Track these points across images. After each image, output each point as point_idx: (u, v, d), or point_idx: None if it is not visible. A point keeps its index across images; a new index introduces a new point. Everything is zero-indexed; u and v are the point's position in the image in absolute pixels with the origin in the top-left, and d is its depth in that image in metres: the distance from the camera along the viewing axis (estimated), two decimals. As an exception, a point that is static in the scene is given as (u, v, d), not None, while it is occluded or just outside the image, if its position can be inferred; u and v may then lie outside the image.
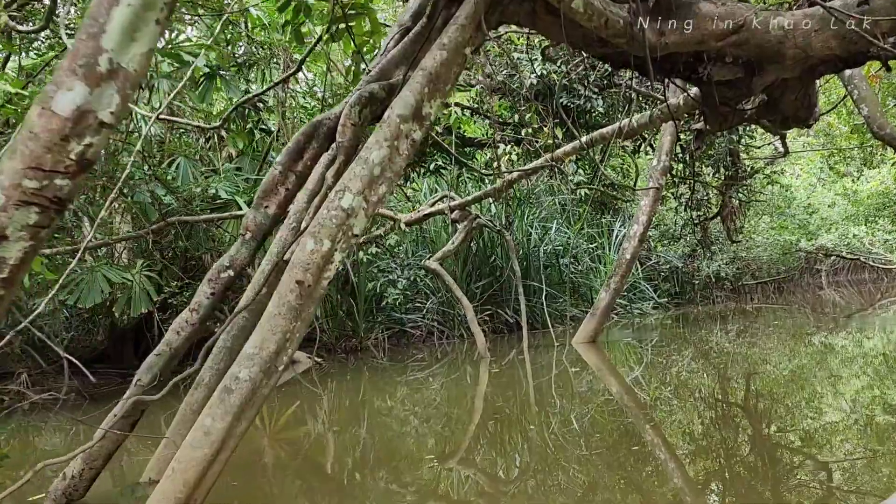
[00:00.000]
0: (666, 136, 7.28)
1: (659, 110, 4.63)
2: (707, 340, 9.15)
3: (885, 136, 6.90)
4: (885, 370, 5.68)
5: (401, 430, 4.91)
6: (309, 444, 4.73)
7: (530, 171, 6.45)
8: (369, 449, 4.41)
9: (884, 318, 10.79)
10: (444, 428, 4.82)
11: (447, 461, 3.90)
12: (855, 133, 11.21)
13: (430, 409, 5.60)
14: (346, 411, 5.91)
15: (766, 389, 5.30)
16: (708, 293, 17.39)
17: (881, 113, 6.93)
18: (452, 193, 7.32)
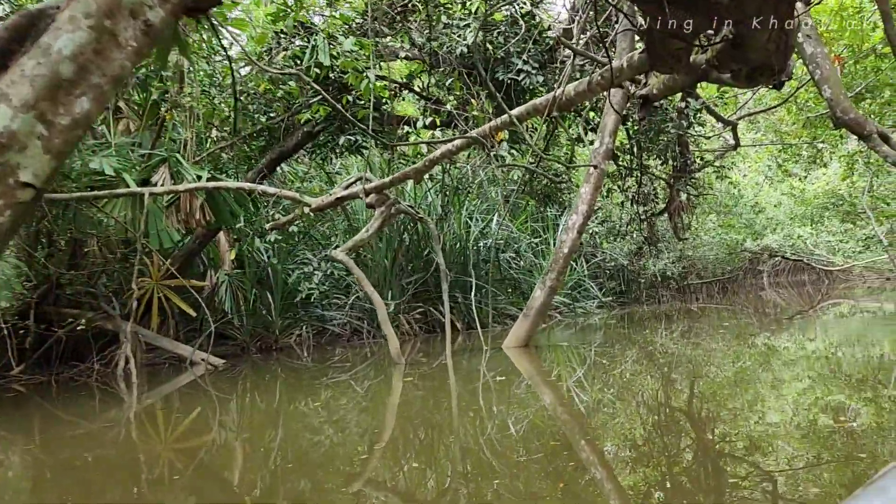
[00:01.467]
0: (609, 115, 6.62)
1: (599, 75, 3.90)
2: (652, 341, 8.91)
3: (849, 121, 6.42)
4: (826, 373, 5.71)
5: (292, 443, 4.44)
6: (209, 454, 4.31)
7: (455, 150, 5.64)
8: (271, 460, 3.93)
9: (824, 320, 10.85)
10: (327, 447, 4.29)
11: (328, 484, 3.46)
12: (806, 128, 10.87)
13: (326, 423, 4.94)
14: (249, 418, 5.38)
15: (710, 392, 5.18)
16: (654, 292, 17.25)
17: (845, 95, 6.41)
18: (368, 175, 6.46)
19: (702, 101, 7.71)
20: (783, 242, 19.27)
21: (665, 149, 8.48)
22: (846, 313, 12.04)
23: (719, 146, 11.50)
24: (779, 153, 12.60)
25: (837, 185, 14.59)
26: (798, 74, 10.13)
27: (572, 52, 5.09)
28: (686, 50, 2.55)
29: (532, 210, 13.51)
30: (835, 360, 6.52)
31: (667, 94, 3.57)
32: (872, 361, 6.32)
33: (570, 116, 8.22)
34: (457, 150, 5.80)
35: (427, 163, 5.79)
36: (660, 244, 16.35)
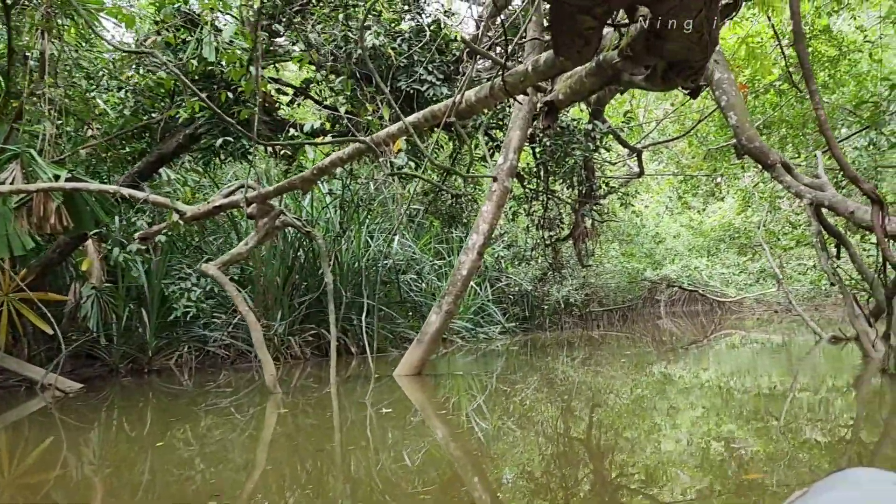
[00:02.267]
0: (515, 130, 6.38)
1: (502, 80, 3.59)
2: (553, 369, 8.83)
3: (753, 149, 6.46)
4: (719, 402, 5.83)
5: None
6: (58, 490, 3.73)
7: (347, 157, 5.19)
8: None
9: (717, 350, 11.19)
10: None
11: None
12: (706, 160, 11.20)
13: (185, 459, 4.33)
14: (99, 450, 4.69)
15: (609, 421, 5.14)
16: (557, 318, 17.38)
17: (750, 123, 6.46)
18: (251, 182, 5.90)
19: (608, 126, 7.69)
20: (681, 273, 19.98)
21: (571, 172, 8.39)
22: (737, 344, 12.52)
23: (624, 173, 11.67)
24: (679, 184, 12.96)
25: (733, 219, 15.23)
26: (700, 107, 10.49)
27: (473, 52, 4.76)
28: (596, 32, 2.26)
29: (437, 231, 13.23)
30: (727, 389, 6.66)
31: (574, 99, 3.33)
32: (762, 392, 6.49)
33: (476, 135, 7.96)
34: (348, 157, 5.37)
35: (315, 171, 5.32)
36: (564, 270, 16.49)
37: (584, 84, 3.29)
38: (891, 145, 8.11)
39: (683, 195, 13.17)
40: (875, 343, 7.53)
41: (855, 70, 9.14)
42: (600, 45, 2.50)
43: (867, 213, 6.09)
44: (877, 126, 8.10)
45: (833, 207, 6.63)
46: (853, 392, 6.28)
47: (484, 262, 14.95)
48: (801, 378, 7.38)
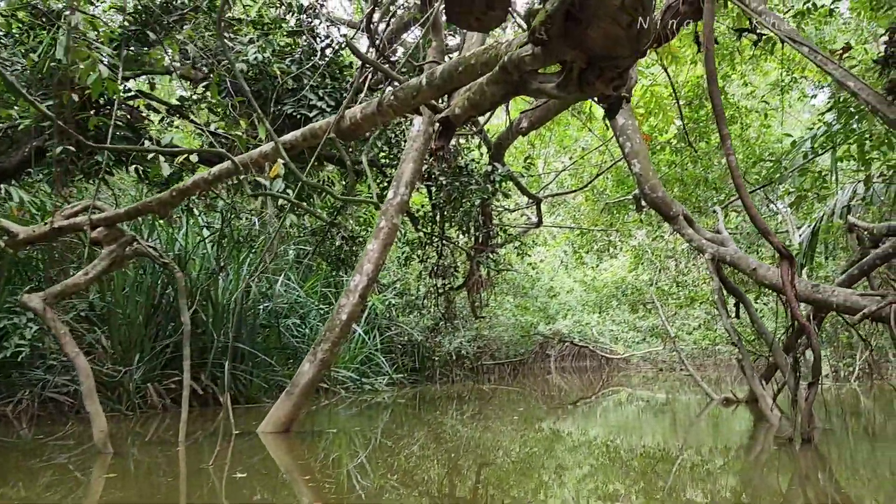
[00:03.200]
0: (408, 163, 6.00)
1: (393, 95, 3.18)
2: (442, 424, 8.61)
3: (656, 199, 6.40)
4: (606, 460, 5.87)
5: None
6: None
7: (212, 178, 4.59)
8: None
9: (605, 406, 11.29)
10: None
11: None
12: (604, 214, 11.36)
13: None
14: None
15: (496, 479, 5.02)
16: (448, 371, 16.95)
17: (654, 173, 6.40)
18: (99, 203, 5.14)
19: (508, 170, 7.50)
20: (573, 328, 20.21)
21: (468, 217, 8.13)
22: (624, 401, 12.63)
23: (522, 223, 11.62)
24: (576, 238, 13.10)
25: (625, 276, 15.60)
26: (598, 161, 10.68)
27: (360, 59, 4.32)
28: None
29: (325, 273, 12.58)
30: (614, 447, 6.71)
31: (472, 113, 2.98)
32: (647, 450, 6.52)
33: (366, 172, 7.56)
34: (213, 178, 4.78)
35: (174, 193, 4.70)
36: (456, 321, 16.18)
37: (486, 94, 2.95)
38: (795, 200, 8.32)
39: (579, 249, 13.31)
40: (772, 408, 7.44)
41: (745, 134, 9.61)
42: (505, 17, 2.16)
43: (770, 270, 6.17)
44: (773, 182, 8.40)
45: (735, 263, 6.54)
46: (750, 457, 6.30)
47: (374, 310, 14.40)
48: (692, 440, 7.46)
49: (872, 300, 5.40)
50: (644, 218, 10.89)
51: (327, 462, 5.78)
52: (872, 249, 6.22)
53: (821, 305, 5.86)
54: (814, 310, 7.33)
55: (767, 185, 7.83)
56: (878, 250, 6.09)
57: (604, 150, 11.15)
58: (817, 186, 5.60)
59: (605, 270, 19.55)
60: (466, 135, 7.89)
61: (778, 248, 5.63)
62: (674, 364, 23.48)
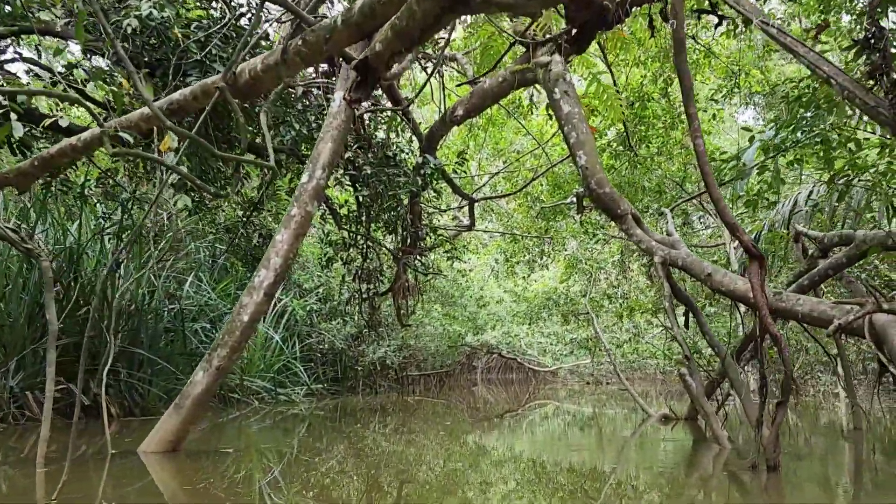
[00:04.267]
0: (326, 142, 5.39)
1: (301, 40, 2.66)
2: (363, 437, 8.23)
3: (603, 195, 6.05)
4: (532, 475, 5.74)
5: None
6: None
7: (83, 145, 3.93)
8: None
9: (531, 419, 11.13)
10: None
11: None
12: (540, 219, 11.09)
13: None
14: None
15: (417, 496, 4.76)
16: (371, 381, 16.35)
17: (601, 167, 6.01)
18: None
19: (440, 163, 7.03)
20: (501, 339, 19.94)
21: (396, 216, 7.61)
22: (550, 414, 12.50)
23: (454, 226, 11.22)
24: (508, 245, 12.81)
25: (556, 287, 15.43)
26: (533, 166, 10.38)
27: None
28: None
29: (241, 274, 11.79)
30: (540, 462, 6.61)
31: (398, 46, 2.53)
32: (574, 465, 6.39)
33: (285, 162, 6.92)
34: (83, 145, 4.10)
35: (36, 162, 3.98)
36: (381, 329, 15.60)
37: (415, 15, 2.49)
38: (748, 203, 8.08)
39: (511, 258, 13.03)
40: (722, 428, 6.85)
41: (686, 140, 9.51)
42: None
43: (726, 276, 5.69)
44: (736, 178, 8.16)
45: (687, 268, 6.02)
46: (700, 479, 6.02)
47: (293, 315, 13.67)
48: (629, 458, 7.27)
49: (842, 310, 4.90)
50: (581, 224, 10.70)
51: (223, 483, 5.12)
52: (821, 259, 6.00)
53: (784, 315, 5.28)
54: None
55: (723, 186, 7.51)
56: (829, 260, 5.75)
57: (539, 154, 10.91)
58: (773, 189, 5.31)
59: (536, 281, 19.40)
60: (393, 124, 7.37)
61: (747, 247, 5.14)
62: (600, 378, 23.67)
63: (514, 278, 17.51)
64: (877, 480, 5.36)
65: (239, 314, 5.35)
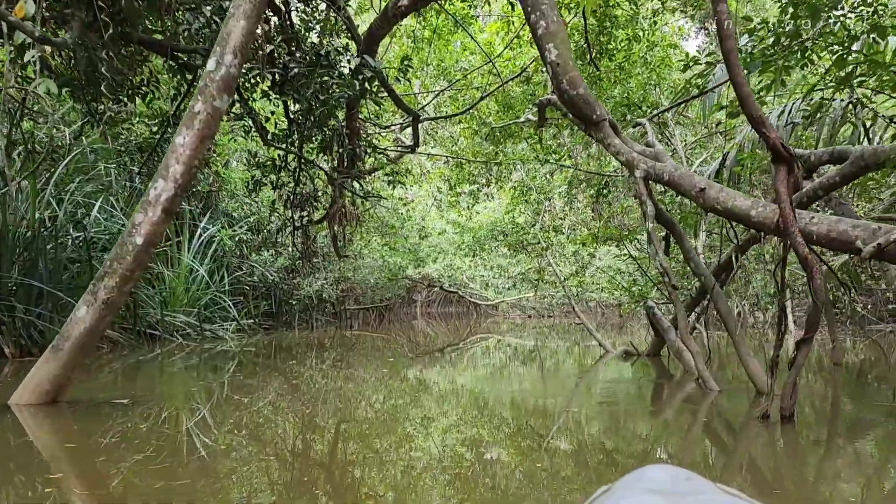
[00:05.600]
0: (237, 20, 4.41)
1: None
2: (299, 373, 7.84)
3: (576, 97, 5.38)
4: (475, 411, 5.51)
5: None
6: None
7: None
8: None
9: (472, 353, 10.94)
10: None
11: None
12: (489, 142, 10.39)
13: None
14: None
15: (357, 433, 4.54)
16: (307, 316, 15.69)
17: (574, 63, 5.28)
18: None
19: (380, 65, 6.14)
20: (443, 272, 19.48)
21: (331, 132, 6.75)
22: (492, 347, 12.35)
23: (395, 145, 10.41)
24: (452, 173, 12.12)
25: (500, 218, 14.91)
26: (483, 84, 9.56)
27: None
28: None
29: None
30: (482, 396, 6.43)
31: None
32: (516, 398, 6.21)
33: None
34: None
35: None
36: (316, 261, 14.87)
37: None
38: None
39: (455, 186, 12.35)
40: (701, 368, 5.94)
41: (651, 55, 8.88)
42: None
43: (723, 192, 4.85)
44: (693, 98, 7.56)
45: (675, 183, 5.21)
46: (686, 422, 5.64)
47: (222, 247, 12.75)
48: (590, 393, 7.15)
49: (867, 230, 4.06)
50: (533, 148, 10.05)
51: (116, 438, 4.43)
52: (805, 180, 5.42)
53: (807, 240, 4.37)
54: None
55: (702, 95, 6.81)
56: (820, 179, 4.89)
57: (489, 72, 10.13)
58: (775, 85, 4.69)
59: (480, 213, 18.85)
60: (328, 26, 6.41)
61: (775, 147, 4.24)
62: (543, 311, 23.73)
63: (458, 209, 16.89)
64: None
65: (131, 235, 4.30)
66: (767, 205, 4.64)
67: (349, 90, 5.86)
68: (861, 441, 4.29)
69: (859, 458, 3.87)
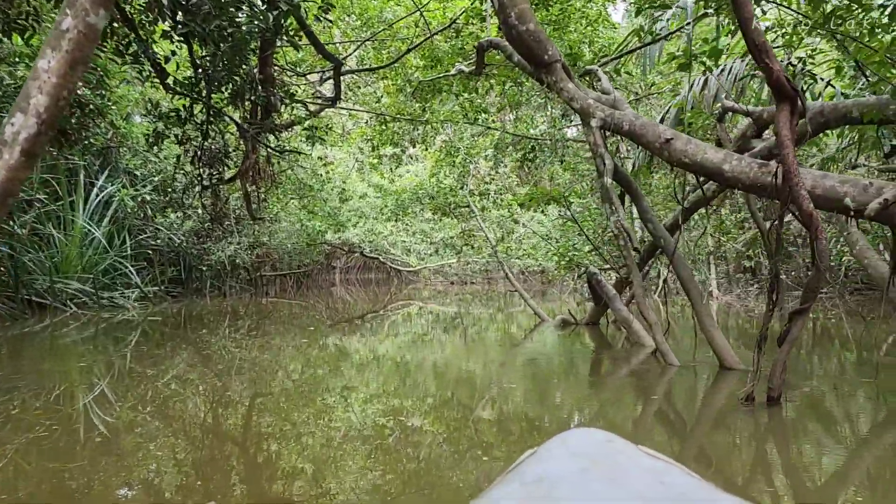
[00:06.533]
0: None
1: None
2: (210, 343, 7.57)
3: (525, 34, 5.13)
4: (396, 380, 5.46)
5: None
6: None
7: None
8: None
9: (393, 321, 10.90)
10: None
11: None
12: (415, 99, 10.04)
13: None
14: None
15: (273, 405, 4.41)
16: (220, 283, 15.09)
17: (529, 5, 4.98)
18: None
19: (297, 1, 5.63)
20: (364, 237, 19.16)
21: (243, 78, 6.25)
22: (414, 314, 12.32)
23: (313, 99, 9.94)
24: (375, 132, 11.73)
25: (423, 182, 14.62)
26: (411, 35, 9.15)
27: None
28: None
29: (47, 157, 9.92)
30: (404, 364, 6.38)
31: None
32: (438, 366, 6.18)
33: None
34: None
35: None
36: (229, 224, 14.24)
37: None
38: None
39: (378, 147, 11.95)
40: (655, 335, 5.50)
41: (587, 8, 8.72)
42: None
43: (692, 144, 4.39)
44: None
45: (636, 133, 4.76)
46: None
47: (123, 207, 11.99)
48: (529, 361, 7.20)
49: (857, 187, 3.68)
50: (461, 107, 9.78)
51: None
52: (756, 140, 5.26)
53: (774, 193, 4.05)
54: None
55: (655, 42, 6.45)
56: (772, 139, 4.62)
57: (415, 23, 9.73)
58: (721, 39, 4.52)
59: (402, 176, 18.49)
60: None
61: (778, 82, 3.72)
62: (466, 278, 23.80)
63: (381, 171, 16.50)
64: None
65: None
66: (742, 158, 4.26)
67: (261, 23, 5.35)
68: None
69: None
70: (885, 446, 3.50)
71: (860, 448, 3.44)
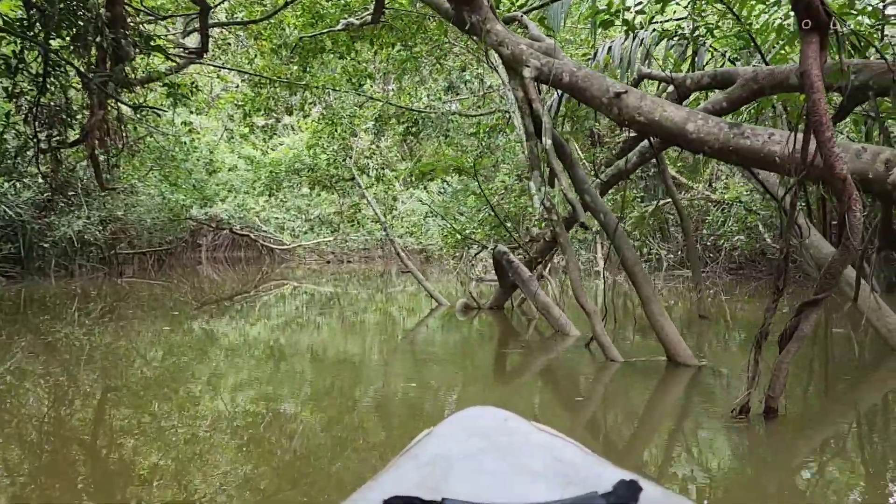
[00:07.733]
0: None
1: None
2: (55, 330, 7.02)
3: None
4: (270, 365, 5.30)
5: None
6: None
7: None
8: None
9: (265, 301, 10.61)
10: None
11: None
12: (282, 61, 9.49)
13: None
14: None
15: (128, 398, 4.12)
16: (67, 262, 13.97)
17: None
18: None
19: None
20: (233, 213, 18.31)
21: (86, 16, 5.51)
22: (288, 294, 12.06)
23: (176, 50, 9.16)
24: (246, 97, 11.04)
25: (304, 152, 14.02)
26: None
27: None
28: None
29: None
30: (278, 348, 6.22)
31: None
32: (314, 350, 6.08)
33: None
34: None
35: None
36: (75, 195, 13.08)
37: None
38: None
39: (250, 113, 11.24)
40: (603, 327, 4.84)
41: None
42: None
43: (647, 99, 3.92)
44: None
45: (578, 87, 4.19)
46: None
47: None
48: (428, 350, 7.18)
49: (848, 152, 3.18)
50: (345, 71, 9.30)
51: None
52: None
53: (750, 158, 3.60)
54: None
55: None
56: (706, 104, 4.27)
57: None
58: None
59: (275, 150, 17.69)
60: None
61: (810, 5, 2.83)
62: (342, 256, 23.38)
63: (252, 141, 15.68)
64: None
65: None
66: (709, 117, 3.77)
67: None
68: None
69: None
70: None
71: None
